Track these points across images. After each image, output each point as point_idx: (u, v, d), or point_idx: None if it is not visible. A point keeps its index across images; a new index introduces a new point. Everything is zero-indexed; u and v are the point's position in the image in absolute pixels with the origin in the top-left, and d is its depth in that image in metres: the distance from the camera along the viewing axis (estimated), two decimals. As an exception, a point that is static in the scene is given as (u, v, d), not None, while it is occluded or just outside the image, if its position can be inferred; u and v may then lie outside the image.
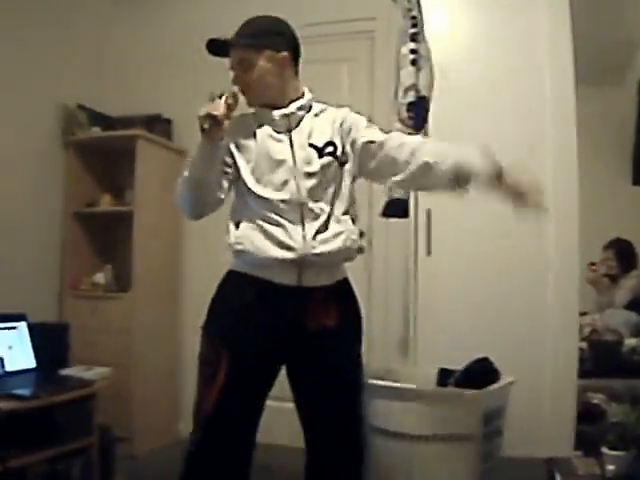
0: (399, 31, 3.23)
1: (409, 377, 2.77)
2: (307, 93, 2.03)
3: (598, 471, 2.35)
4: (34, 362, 3.01)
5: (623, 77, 5.15)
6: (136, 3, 4.27)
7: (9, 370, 2.86)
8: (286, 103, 1.98)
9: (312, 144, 1.94)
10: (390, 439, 2.41)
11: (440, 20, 3.39)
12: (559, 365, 3.15)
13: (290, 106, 1.97)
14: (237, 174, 1.94)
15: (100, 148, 3.99)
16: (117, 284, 3.84)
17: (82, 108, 3.86)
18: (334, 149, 1.95)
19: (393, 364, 3.24)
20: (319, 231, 1.87)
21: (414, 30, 3.12)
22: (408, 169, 1.93)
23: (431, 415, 2.38)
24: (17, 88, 3.49)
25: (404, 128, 3.00)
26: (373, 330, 3.44)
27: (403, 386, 2.53)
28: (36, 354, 3.03)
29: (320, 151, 1.93)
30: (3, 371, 2.83)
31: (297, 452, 2.06)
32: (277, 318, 1.88)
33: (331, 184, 1.94)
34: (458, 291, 3.33)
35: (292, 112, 1.97)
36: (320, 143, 1.94)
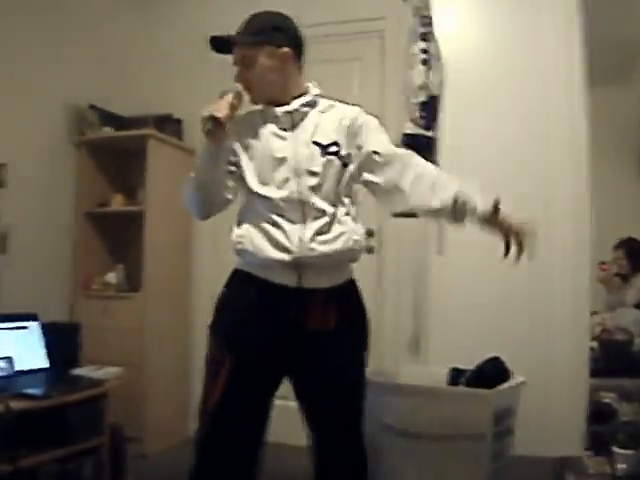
0: (409, 30, 3.23)
1: (420, 376, 2.77)
2: (313, 89, 1.99)
3: (609, 470, 2.35)
4: (46, 362, 3.01)
5: (630, 76, 5.13)
6: (149, 3, 4.28)
7: (21, 370, 2.86)
8: (289, 100, 1.94)
9: (316, 141, 1.90)
10: (401, 438, 2.41)
11: (448, 20, 3.40)
12: (570, 364, 3.15)
13: (293, 103, 1.93)
14: (241, 174, 1.92)
15: (111, 148, 3.99)
16: (128, 284, 3.84)
17: (93, 108, 3.86)
18: (338, 149, 1.91)
19: (404, 363, 3.23)
20: (320, 232, 1.84)
21: (425, 29, 3.13)
22: (408, 203, 1.92)
23: (442, 414, 2.38)
24: (28, 88, 3.50)
25: (415, 128, 3.01)
26: (384, 329, 3.44)
27: (414, 385, 2.54)
28: (48, 354, 3.03)
29: (324, 149, 1.89)
30: (13, 370, 2.83)
31: (301, 451, 2.07)
32: (278, 318, 1.86)
33: (334, 184, 1.90)
34: (469, 291, 3.34)
35: (295, 109, 1.93)
36: (324, 141, 1.90)
